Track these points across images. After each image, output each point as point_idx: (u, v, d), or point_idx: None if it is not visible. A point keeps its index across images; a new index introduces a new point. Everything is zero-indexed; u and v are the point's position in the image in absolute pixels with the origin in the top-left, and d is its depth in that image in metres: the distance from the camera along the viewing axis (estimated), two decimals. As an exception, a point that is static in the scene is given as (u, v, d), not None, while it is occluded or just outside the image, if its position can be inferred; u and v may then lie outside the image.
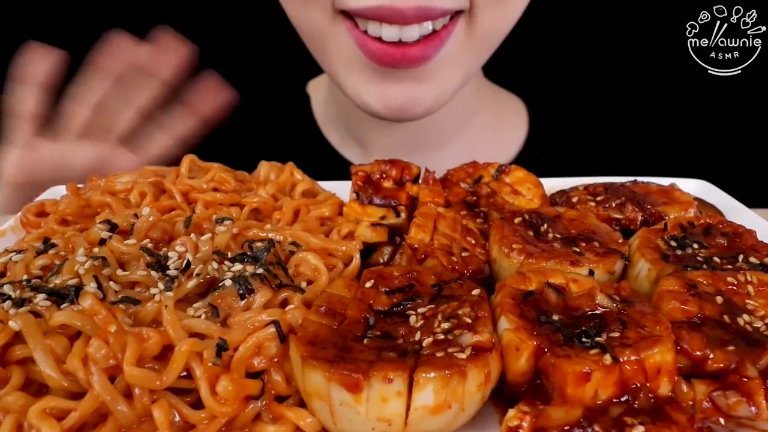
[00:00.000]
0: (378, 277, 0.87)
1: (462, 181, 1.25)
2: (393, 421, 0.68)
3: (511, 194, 1.21)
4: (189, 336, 0.75)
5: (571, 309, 0.81)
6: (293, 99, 1.81)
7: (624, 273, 0.97)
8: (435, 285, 0.86)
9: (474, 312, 0.78)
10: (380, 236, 1.07)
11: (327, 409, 0.69)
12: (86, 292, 0.77)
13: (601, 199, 1.16)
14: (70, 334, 0.75)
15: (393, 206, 1.14)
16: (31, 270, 0.86)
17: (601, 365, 0.70)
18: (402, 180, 1.21)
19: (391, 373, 0.67)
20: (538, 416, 0.68)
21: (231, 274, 0.84)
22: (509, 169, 1.24)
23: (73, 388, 0.72)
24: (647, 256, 0.95)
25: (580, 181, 1.28)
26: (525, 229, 1.03)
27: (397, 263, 1.04)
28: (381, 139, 1.65)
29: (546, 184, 1.23)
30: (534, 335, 0.74)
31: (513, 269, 0.93)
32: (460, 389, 0.69)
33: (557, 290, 0.83)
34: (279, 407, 0.74)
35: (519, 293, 0.82)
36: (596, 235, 1.02)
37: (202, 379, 0.72)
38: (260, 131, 1.78)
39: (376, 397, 0.67)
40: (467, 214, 1.14)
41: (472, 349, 0.71)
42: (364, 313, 0.80)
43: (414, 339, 0.75)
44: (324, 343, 0.73)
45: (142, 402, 0.71)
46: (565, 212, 1.09)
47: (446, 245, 0.98)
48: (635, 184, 1.24)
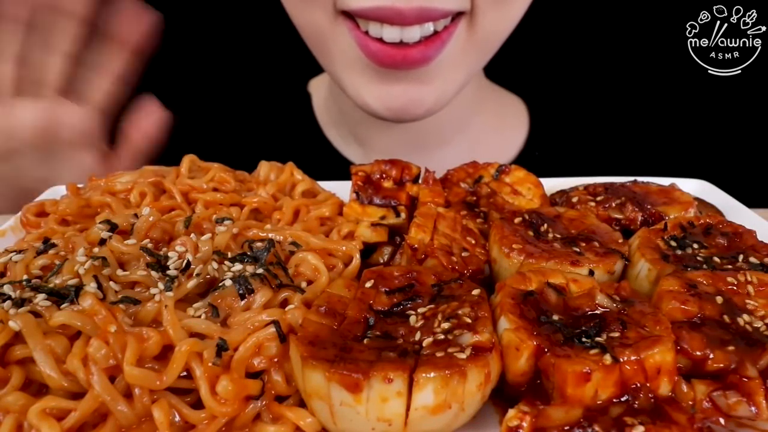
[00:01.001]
0: (378, 277, 0.87)
1: (462, 181, 1.25)
2: (393, 421, 0.68)
3: (511, 194, 1.21)
4: (189, 336, 0.75)
5: (571, 309, 0.81)
6: (294, 98, 1.81)
7: (624, 273, 0.97)
8: (435, 285, 0.86)
9: (474, 312, 0.78)
10: (380, 236, 1.07)
11: (327, 409, 0.69)
12: (86, 292, 0.77)
13: (601, 199, 1.16)
14: (70, 334, 0.75)
15: (393, 206, 1.14)
16: (31, 270, 0.86)
17: (601, 365, 0.70)
18: (402, 180, 1.21)
19: (391, 373, 0.67)
20: (538, 416, 0.68)
21: (231, 274, 0.84)
22: (509, 169, 1.24)
23: (73, 388, 0.72)
24: (647, 256, 0.95)
25: (580, 181, 1.28)
26: (525, 229, 1.03)
27: (397, 263, 1.04)
28: (381, 138, 1.65)
29: (546, 184, 1.23)
30: (534, 335, 0.74)
31: (513, 269, 0.93)
32: (460, 389, 0.69)
33: (557, 290, 0.83)
34: (279, 407, 0.74)
35: (519, 293, 0.82)
36: (596, 235, 1.02)
37: (202, 379, 0.72)
38: (261, 130, 1.77)
39: (376, 397, 0.67)
40: (467, 214, 1.14)
41: (472, 349, 0.71)
42: (364, 313, 0.80)
43: (414, 339, 0.75)
44: (324, 343, 0.73)
45: (142, 402, 0.71)
46: (565, 212, 1.09)
47: (446, 245, 0.98)
48: (635, 184, 1.24)
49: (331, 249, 0.99)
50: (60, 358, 0.72)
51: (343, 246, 1.00)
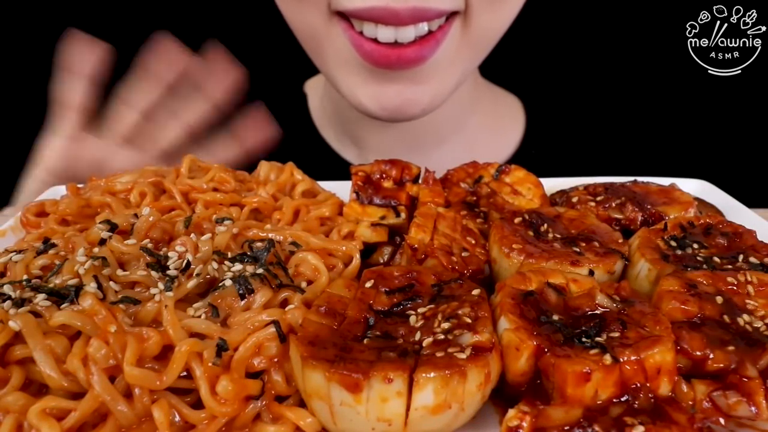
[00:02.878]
0: (378, 277, 0.87)
1: (462, 181, 1.25)
2: (393, 421, 0.68)
3: (511, 194, 1.21)
4: (189, 336, 0.75)
5: (571, 309, 0.81)
6: (290, 98, 1.81)
7: (624, 273, 0.97)
8: (435, 285, 0.86)
9: (474, 312, 0.78)
10: (380, 236, 1.07)
11: (327, 409, 0.69)
12: (86, 292, 0.77)
13: (601, 199, 1.16)
14: (70, 334, 0.75)
15: (393, 206, 1.14)
16: (31, 270, 0.86)
17: (601, 365, 0.70)
18: (402, 180, 1.21)
19: (391, 373, 0.67)
20: (538, 416, 0.68)
21: (231, 274, 0.84)
22: (509, 169, 1.24)
23: (73, 388, 0.72)
24: (647, 256, 0.95)
25: (580, 181, 1.28)
26: (525, 229, 1.03)
27: (397, 263, 1.04)
28: (377, 138, 1.65)
29: (546, 184, 1.23)
30: (534, 335, 0.74)
31: (513, 269, 0.93)
32: (460, 389, 0.69)
33: (557, 290, 0.83)
34: (279, 407, 0.74)
35: (519, 293, 0.82)
36: (596, 235, 1.02)
37: (202, 379, 0.72)
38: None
39: (376, 397, 0.67)
40: (467, 214, 1.13)
41: (472, 349, 0.71)
42: (364, 313, 0.80)
43: (414, 339, 0.75)
44: (324, 343, 0.73)
45: (142, 402, 0.71)
46: (565, 212, 1.09)
47: (446, 245, 0.98)
48: (635, 184, 1.24)
49: (331, 249, 0.99)
50: (60, 358, 0.73)
51: (343, 246, 1.00)
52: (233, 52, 1.81)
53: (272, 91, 1.79)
